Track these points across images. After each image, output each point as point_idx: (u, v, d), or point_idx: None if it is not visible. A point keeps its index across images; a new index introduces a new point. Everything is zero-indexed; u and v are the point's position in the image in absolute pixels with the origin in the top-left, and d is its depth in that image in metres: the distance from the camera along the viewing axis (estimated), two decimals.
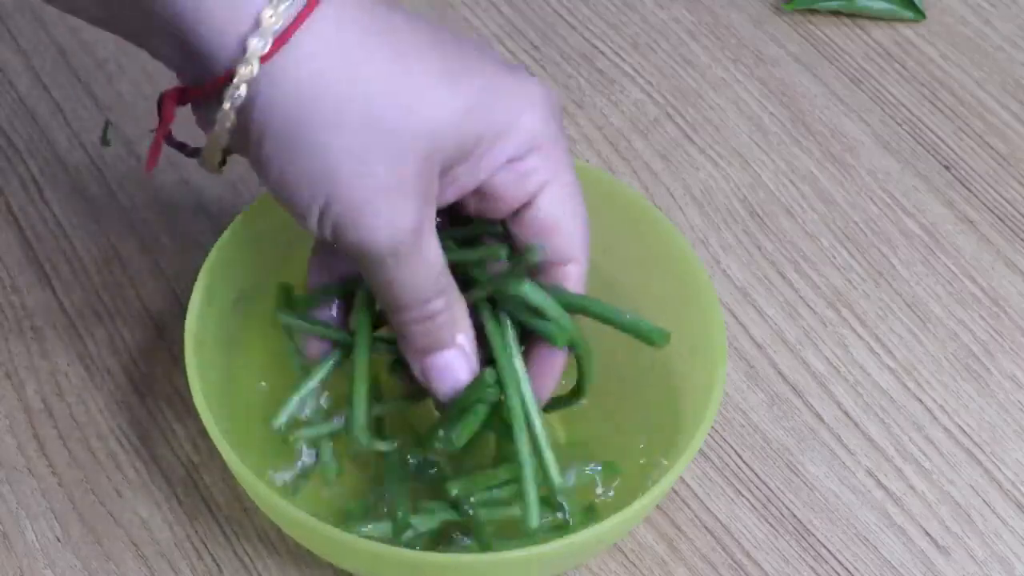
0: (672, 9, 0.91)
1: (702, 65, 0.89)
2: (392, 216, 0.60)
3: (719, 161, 0.84)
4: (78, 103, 0.84)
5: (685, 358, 0.70)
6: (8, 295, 0.77)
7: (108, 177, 0.81)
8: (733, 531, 0.71)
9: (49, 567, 0.69)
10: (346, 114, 0.58)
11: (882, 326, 0.78)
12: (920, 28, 0.91)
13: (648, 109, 0.86)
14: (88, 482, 0.71)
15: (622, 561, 0.70)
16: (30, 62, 0.86)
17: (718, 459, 0.73)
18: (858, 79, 0.88)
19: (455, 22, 0.90)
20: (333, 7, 0.59)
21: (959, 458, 0.74)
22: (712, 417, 0.66)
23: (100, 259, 0.78)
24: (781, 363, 0.76)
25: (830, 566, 0.70)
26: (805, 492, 0.72)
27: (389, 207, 0.60)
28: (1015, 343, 0.78)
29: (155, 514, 0.70)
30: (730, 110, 0.86)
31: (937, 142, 0.85)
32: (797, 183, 0.83)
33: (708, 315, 0.69)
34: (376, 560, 0.64)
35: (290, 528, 0.66)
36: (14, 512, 0.70)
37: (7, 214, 0.80)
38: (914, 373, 0.76)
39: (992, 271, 0.80)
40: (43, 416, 0.73)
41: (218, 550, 0.70)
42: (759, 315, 0.78)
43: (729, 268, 0.80)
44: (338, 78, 0.58)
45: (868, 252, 0.81)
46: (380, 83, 0.59)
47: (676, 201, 0.82)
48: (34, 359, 0.75)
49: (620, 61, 0.88)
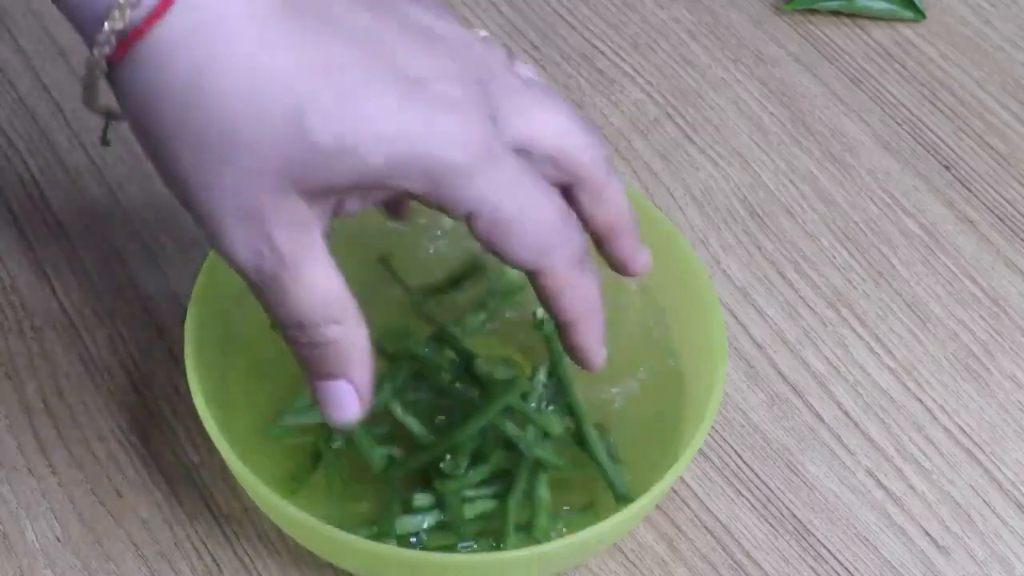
0: (672, 9, 0.91)
1: (702, 65, 0.89)
2: (248, 240, 0.56)
3: (719, 161, 0.84)
4: (78, 103, 0.84)
5: (685, 358, 0.70)
6: (8, 295, 0.77)
7: (108, 177, 0.81)
8: (733, 531, 0.71)
9: (49, 567, 0.69)
10: (195, 121, 0.54)
11: (882, 326, 0.78)
12: (920, 28, 0.91)
13: (648, 109, 0.86)
14: (88, 482, 0.71)
15: (622, 561, 0.70)
16: (30, 62, 0.86)
17: (718, 459, 0.73)
18: (858, 79, 0.88)
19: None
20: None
21: (959, 458, 0.74)
22: (712, 417, 0.66)
23: (100, 259, 0.78)
24: (781, 363, 0.76)
25: (830, 566, 0.70)
26: (805, 492, 0.72)
27: (244, 231, 0.56)
28: (1015, 343, 0.78)
29: (155, 514, 0.70)
30: (730, 110, 0.86)
31: (937, 142, 0.85)
32: (797, 183, 0.83)
33: (708, 315, 0.69)
34: (376, 560, 0.64)
35: (290, 528, 0.66)
36: (14, 512, 0.70)
37: (7, 214, 0.80)
38: (914, 373, 0.76)
39: (992, 271, 0.80)
40: (43, 416, 0.73)
41: (218, 550, 0.70)
42: (759, 315, 0.78)
43: (729, 268, 0.80)
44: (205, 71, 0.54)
45: (868, 252, 0.81)
46: (247, 86, 0.54)
47: (676, 201, 0.82)
48: (34, 359, 0.75)
49: (620, 61, 0.88)
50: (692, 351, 0.69)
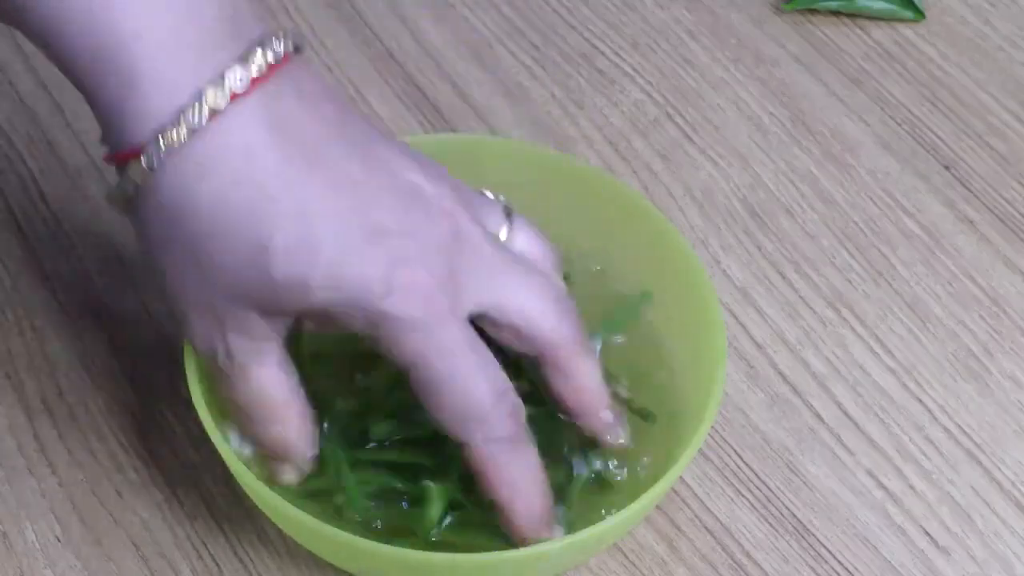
0: (672, 9, 0.91)
1: (702, 65, 0.89)
2: (207, 336, 0.62)
3: (719, 161, 0.84)
4: (78, 103, 0.84)
5: (685, 358, 0.70)
6: (8, 295, 0.77)
7: (108, 177, 0.81)
8: (733, 531, 0.71)
9: (49, 567, 0.69)
10: (179, 235, 0.60)
11: (882, 326, 0.78)
12: (920, 28, 0.91)
13: (648, 109, 0.86)
14: (88, 482, 0.71)
15: (622, 561, 0.70)
16: (30, 62, 0.86)
17: (718, 459, 0.73)
18: (858, 79, 0.88)
19: (455, 22, 0.90)
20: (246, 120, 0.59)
21: (959, 458, 0.74)
22: (712, 417, 0.65)
23: (100, 259, 0.78)
24: (781, 363, 0.76)
25: (830, 566, 0.70)
26: (805, 492, 0.72)
27: (205, 328, 0.62)
28: (1015, 343, 0.78)
29: (155, 514, 0.70)
30: (730, 110, 0.86)
31: (937, 142, 0.85)
32: (797, 183, 0.83)
33: (708, 315, 0.69)
34: (376, 560, 0.64)
35: (290, 528, 0.66)
36: (14, 512, 0.70)
37: (7, 214, 0.80)
38: (914, 373, 0.76)
39: (992, 271, 0.80)
40: (43, 416, 0.73)
41: (218, 550, 0.70)
42: (759, 315, 0.78)
43: (729, 268, 0.80)
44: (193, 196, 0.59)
45: (868, 252, 0.81)
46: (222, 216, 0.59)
47: (676, 201, 0.82)
48: (34, 359, 0.75)
49: (620, 61, 0.88)
50: (692, 351, 0.69)
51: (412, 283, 0.60)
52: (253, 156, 0.58)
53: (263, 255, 0.59)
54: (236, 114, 0.58)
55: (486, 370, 0.61)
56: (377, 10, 0.91)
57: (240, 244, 0.59)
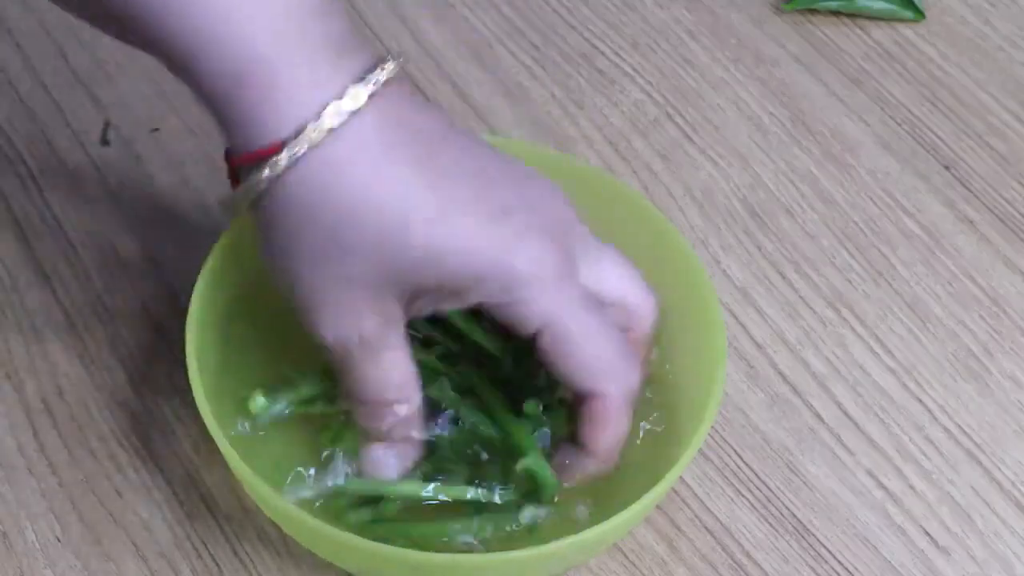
0: (672, 9, 0.91)
1: (702, 65, 0.89)
2: (342, 327, 0.63)
3: (719, 161, 0.84)
4: (78, 103, 0.85)
5: (685, 358, 0.70)
6: (8, 295, 0.77)
7: (108, 177, 0.81)
8: (733, 531, 0.71)
9: (49, 567, 0.69)
10: (315, 229, 0.62)
11: (882, 326, 0.78)
12: (920, 28, 0.91)
13: (648, 109, 0.86)
14: (88, 482, 0.71)
15: (622, 561, 0.70)
16: (30, 62, 0.86)
17: (718, 459, 0.73)
18: (858, 79, 0.88)
19: (455, 22, 0.90)
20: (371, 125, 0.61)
21: (959, 458, 0.74)
22: (712, 417, 0.66)
23: (100, 259, 0.78)
24: (781, 363, 0.76)
25: (830, 566, 0.70)
26: (805, 492, 0.72)
27: (340, 319, 0.63)
28: (1015, 343, 0.78)
29: (155, 514, 0.70)
30: (730, 110, 0.86)
31: (937, 142, 0.85)
32: (797, 183, 0.83)
33: (708, 315, 0.69)
34: (376, 560, 0.64)
35: (290, 528, 0.66)
36: (14, 512, 0.70)
37: (7, 214, 0.80)
38: (914, 373, 0.76)
39: (992, 271, 0.80)
40: (43, 416, 0.73)
41: (218, 550, 0.70)
42: (759, 315, 0.78)
43: (729, 268, 0.80)
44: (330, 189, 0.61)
45: (868, 252, 0.81)
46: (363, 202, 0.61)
47: (676, 201, 0.82)
48: (34, 359, 0.75)
49: (620, 61, 0.89)
50: (692, 351, 0.69)
51: (541, 248, 0.63)
52: (391, 148, 0.61)
53: (403, 231, 0.61)
54: (371, 112, 0.61)
55: (612, 328, 0.65)
56: (377, 10, 0.91)
57: (383, 223, 0.61)
